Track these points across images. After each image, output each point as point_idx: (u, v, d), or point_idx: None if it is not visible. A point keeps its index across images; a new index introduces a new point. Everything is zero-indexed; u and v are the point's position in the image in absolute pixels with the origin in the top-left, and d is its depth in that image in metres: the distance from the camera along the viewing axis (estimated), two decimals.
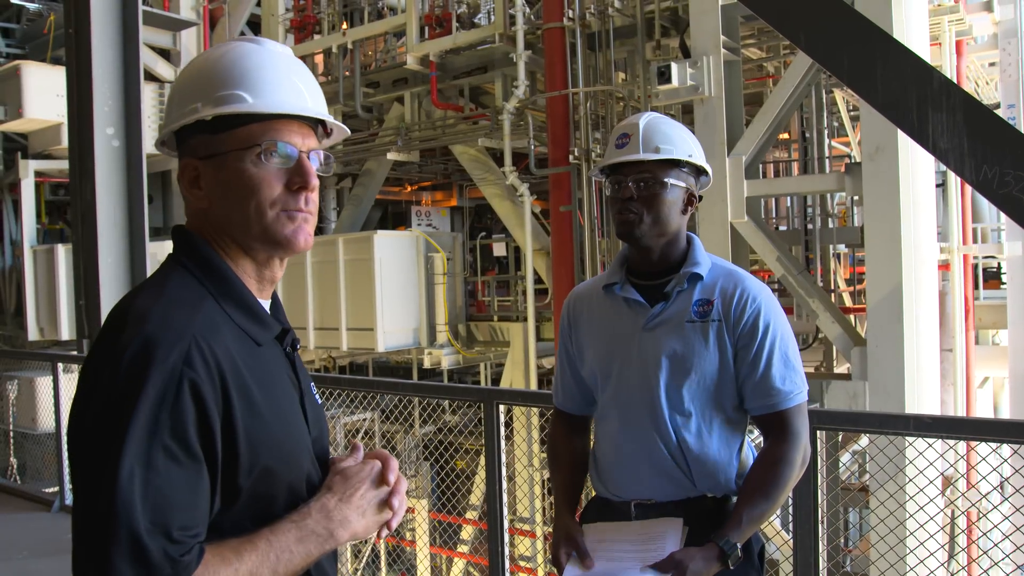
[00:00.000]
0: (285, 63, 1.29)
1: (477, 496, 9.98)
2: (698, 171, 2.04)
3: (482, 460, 8.62)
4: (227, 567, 1.12)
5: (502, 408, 3.69)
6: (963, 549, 8.19)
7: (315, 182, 1.27)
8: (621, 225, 1.98)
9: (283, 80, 1.27)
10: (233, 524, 1.17)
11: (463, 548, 10.32)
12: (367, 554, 10.08)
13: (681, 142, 2.00)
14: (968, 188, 9.59)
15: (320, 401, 1.42)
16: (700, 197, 2.07)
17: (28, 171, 10.66)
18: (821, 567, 2.96)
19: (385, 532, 1.29)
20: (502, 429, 3.67)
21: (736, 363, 1.95)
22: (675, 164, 1.98)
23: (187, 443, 1.09)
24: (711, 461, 1.96)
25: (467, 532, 10.30)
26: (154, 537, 1.05)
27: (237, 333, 1.20)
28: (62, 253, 10.11)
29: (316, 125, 1.31)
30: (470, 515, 10.16)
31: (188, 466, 1.10)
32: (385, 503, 1.28)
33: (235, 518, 1.17)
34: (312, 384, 1.39)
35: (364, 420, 10.45)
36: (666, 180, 1.96)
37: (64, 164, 8.76)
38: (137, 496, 1.05)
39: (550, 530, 9.57)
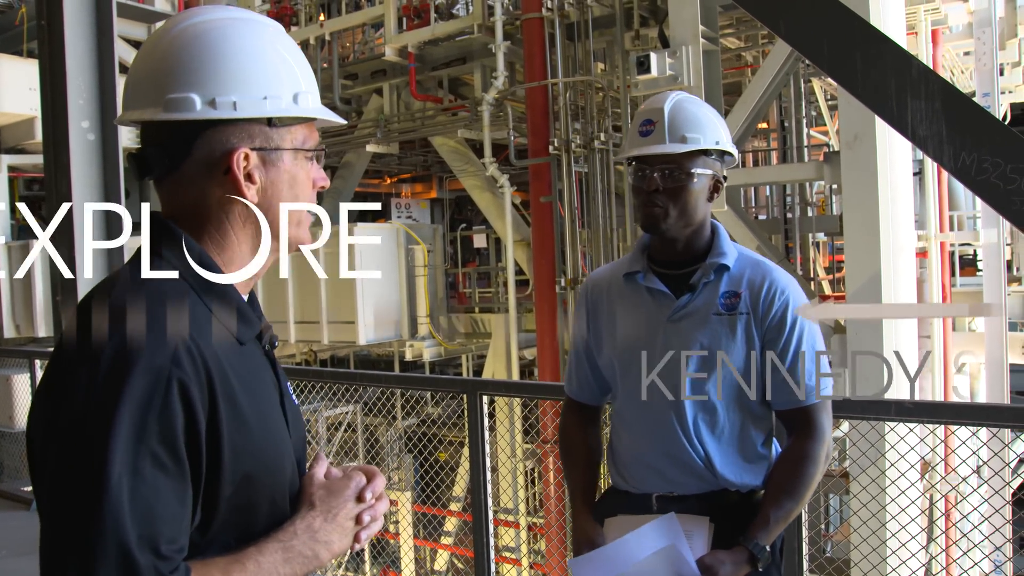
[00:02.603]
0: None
1: (460, 488, 9.98)
2: (724, 152, 1.94)
3: (465, 452, 8.63)
4: None
5: (485, 399, 3.69)
6: (944, 532, 8.29)
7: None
8: (646, 218, 1.89)
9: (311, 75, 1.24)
10: (213, 538, 1.10)
11: (447, 540, 10.33)
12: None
13: (709, 126, 1.89)
14: (944, 176, 9.67)
15: (296, 401, 1.34)
16: (725, 178, 1.98)
17: (1, 166, 10.51)
18: (804, 553, 2.99)
19: (357, 546, 1.24)
20: (486, 420, 3.66)
21: (763, 357, 1.89)
22: (702, 151, 1.88)
23: (175, 449, 1.01)
24: (735, 456, 1.91)
25: (451, 524, 10.30)
26: (143, 552, 0.98)
27: (220, 331, 1.12)
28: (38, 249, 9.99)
29: None
30: (453, 507, 10.17)
31: (175, 474, 1.02)
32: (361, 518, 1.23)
33: (215, 531, 1.10)
34: (288, 383, 1.31)
35: (346, 413, 10.42)
36: (693, 171, 1.86)
37: (38, 159, 8.64)
38: (126, 507, 0.97)
39: (534, 521, 9.62)
